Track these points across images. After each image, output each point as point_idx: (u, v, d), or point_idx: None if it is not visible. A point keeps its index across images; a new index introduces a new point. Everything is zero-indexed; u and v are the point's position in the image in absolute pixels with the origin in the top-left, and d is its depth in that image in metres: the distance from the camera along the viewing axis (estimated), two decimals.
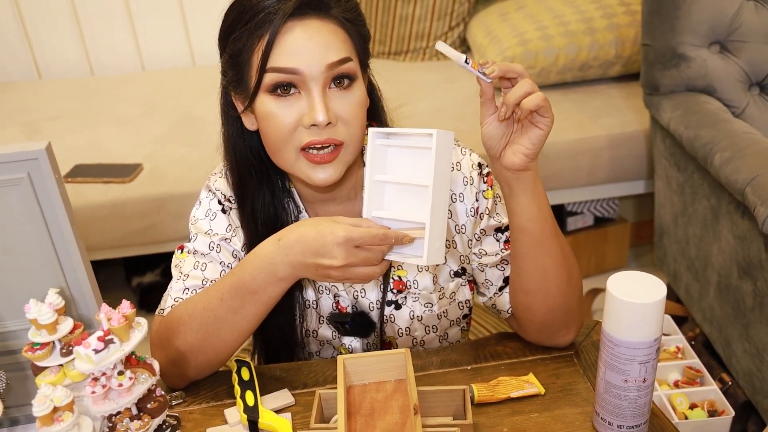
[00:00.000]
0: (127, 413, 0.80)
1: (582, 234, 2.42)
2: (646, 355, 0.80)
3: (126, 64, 2.95)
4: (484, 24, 2.57)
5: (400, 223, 0.88)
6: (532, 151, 0.86)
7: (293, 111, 0.91)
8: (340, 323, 1.06)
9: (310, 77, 0.89)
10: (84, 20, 2.85)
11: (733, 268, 1.59)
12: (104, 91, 2.70)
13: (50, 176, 0.81)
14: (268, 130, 0.94)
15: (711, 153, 1.60)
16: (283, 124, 0.92)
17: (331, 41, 0.90)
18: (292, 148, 0.93)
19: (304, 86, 0.90)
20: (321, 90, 0.90)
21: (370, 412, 0.85)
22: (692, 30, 1.77)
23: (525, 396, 0.94)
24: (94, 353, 0.75)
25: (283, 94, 0.91)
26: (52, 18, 2.83)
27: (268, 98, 0.92)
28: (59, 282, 0.87)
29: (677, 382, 1.72)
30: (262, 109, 0.93)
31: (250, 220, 1.02)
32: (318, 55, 0.89)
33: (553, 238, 0.94)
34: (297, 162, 0.94)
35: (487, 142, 0.89)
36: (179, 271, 1.02)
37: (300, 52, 0.89)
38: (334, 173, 0.94)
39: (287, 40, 0.89)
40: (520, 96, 0.82)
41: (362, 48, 0.96)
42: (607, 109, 2.28)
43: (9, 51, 2.87)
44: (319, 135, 0.91)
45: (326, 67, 0.89)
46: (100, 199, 2.00)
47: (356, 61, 0.94)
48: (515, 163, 0.87)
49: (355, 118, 0.93)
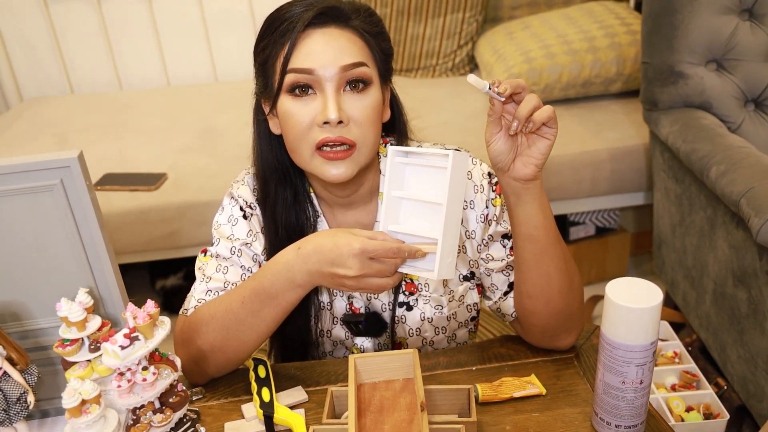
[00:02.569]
0: (151, 407, 0.81)
1: (584, 243, 2.42)
2: (643, 357, 0.80)
3: (152, 79, 2.98)
4: (491, 43, 2.57)
5: (414, 237, 0.89)
6: (541, 161, 0.87)
7: (309, 110, 0.93)
8: (354, 323, 1.06)
9: (325, 78, 0.91)
10: (113, 38, 2.88)
11: (728, 276, 1.58)
12: (131, 105, 2.72)
13: (81, 183, 0.83)
14: (287, 128, 0.95)
15: (707, 166, 1.59)
16: (299, 122, 0.93)
17: (347, 46, 0.92)
18: (307, 145, 0.94)
19: (320, 87, 0.92)
20: (335, 90, 0.92)
21: (380, 408, 0.85)
22: (689, 49, 1.76)
23: (527, 396, 0.94)
24: (120, 349, 0.76)
25: (301, 95, 0.93)
26: (83, 36, 2.87)
27: (287, 98, 0.94)
28: (89, 282, 0.88)
29: (674, 385, 1.70)
30: (282, 109, 0.95)
31: (270, 222, 1.03)
32: (333, 57, 0.91)
33: (557, 245, 0.94)
34: (312, 160, 0.95)
35: (497, 157, 0.89)
36: (202, 273, 1.03)
37: (316, 54, 0.91)
38: (347, 171, 0.95)
39: (306, 44, 0.92)
40: (531, 110, 0.83)
41: (382, 60, 0.97)
42: (608, 123, 2.28)
43: (43, 67, 2.91)
44: (331, 132, 0.92)
45: (340, 68, 0.91)
46: (127, 206, 2.02)
47: (373, 68, 0.95)
48: (526, 174, 0.88)
49: (367, 120, 0.94)
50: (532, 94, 0.84)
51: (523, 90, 0.84)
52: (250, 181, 1.07)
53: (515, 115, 0.84)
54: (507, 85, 0.83)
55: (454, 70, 2.75)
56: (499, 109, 0.86)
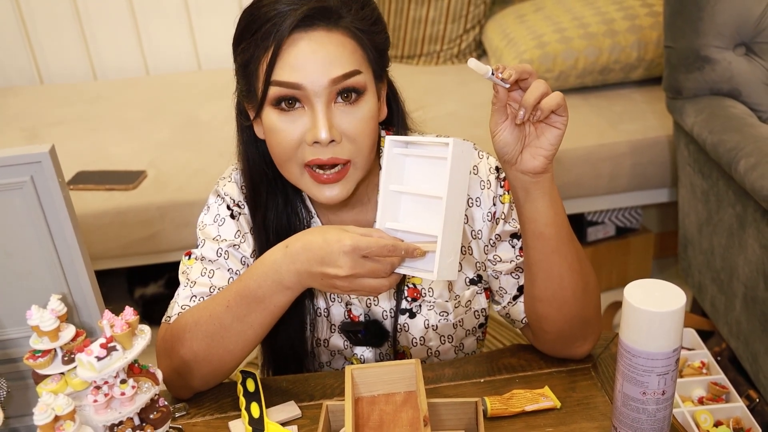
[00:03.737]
0: (130, 423, 0.81)
1: (603, 245, 2.42)
2: (665, 366, 0.80)
3: (130, 67, 2.98)
4: (500, 26, 2.58)
5: (413, 235, 0.88)
6: (551, 152, 0.88)
7: (297, 127, 0.93)
8: (352, 332, 1.07)
9: (313, 92, 0.91)
10: (87, 23, 2.89)
11: (759, 279, 1.59)
12: (107, 96, 2.73)
13: (54, 180, 0.83)
14: (273, 144, 0.95)
15: (736, 159, 1.60)
16: (286, 140, 0.93)
17: (336, 55, 0.91)
18: (295, 164, 0.95)
19: (308, 101, 0.92)
20: (325, 106, 0.91)
21: (379, 424, 0.86)
22: (716, 31, 1.77)
23: (540, 410, 0.95)
24: (96, 360, 0.76)
25: (287, 108, 0.93)
26: (53, 20, 2.87)
27: (273, 112, 0.93)
28: (61, 288, 0.89)
29: (702, 398, 1.70)
30: (268, 123, 0.95)
31: (261, 229, 1.04)
32: (321, 70, 0.90)
33: (570, 243, 0.95)
34: (302, 177, 0.96)
35: (502, 149, 0.89)
36: (186, 277, 1.04)
37: (303, 67, 0.90)
38: (341, 191, 0.95)
39: (291, 53, 0.90)
40: (538, 97, 0.83)
41: (376, 58, 0.97)
42: (628, 114, 2.28)
43: (10, 54, 2.91)
44: (322, 153, 0.92)
45: (330, 81, 0.90)
46: (103, 206, 2.03)
47: (367, 72, 0.95)
48: (535, 166, 0.88)
49: (361, 134, 0.94)
50: (539, 80, 0.84)
51: (530, 75, 0.84)
52: (237, 177, 1.07)
53: (522, 102, 0.84)
54: (512, 71, 0.83)
55: (459, 56, 2.76)
56: (504, 97, 0.87)
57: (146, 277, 2.44)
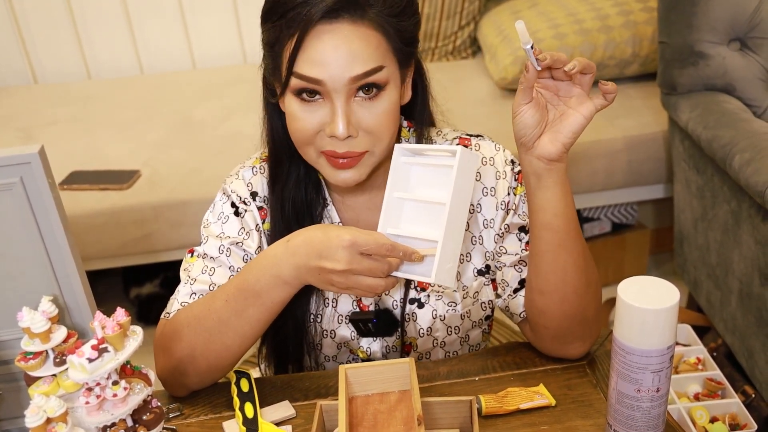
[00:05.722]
0: (122, 425, 0.81)
1: (599, 241, 2.42)
2: (659, 363, 0.80)
3: (124, 67, 2.97)
4: (495, 23, 2.58)
5: (414, 241, 0.90)
6: (570, 140, 0.89)
7: (316, 117, 0.94)
8: (362, 322, 1.07)
9: (333, 89, 0.91)
10: (81, 22, 2.88)
11: (754, 274, 1.59)
12: (101, 96, 2.72)
13: (43, 180, 0.83)
14: (292, 129, 0.97)
15: (730, 154, 1.60)
16: (304, 128, 0.95)
17: (359, 51, 0.91)
18: (313, 149, 0.97)
19: (328, 95, 0.93)
20: (344, 101, 0.92)
21: (373, 424, 0.86)
22: (710, 27, 1.77)
23: (535, 408, 0.95)
24: (88, 362, 0.76)
25: (308, 99, 0.94)
26: (47, 20, 2.86)
27: (294, 100, 0.95)
28: (53, 289, 0.88)
29: (697, 394, 1.71)
30: (289, 108, 0.96)
31: (279, 198, 1.05)
32: (343, 66, 0.90)
33: (577, 239, 0.95)
34: (318, 160, 0.98)
35: (521, 130, 0.90)
36: (187, 275, 1.04)
37: (325, 62, 0.90)
38: (355, 175, 0.97)
39: (314, 46, 0.90)
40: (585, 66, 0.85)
41: (402, 48, 0.96)
42: (623, 109, 2.28)
43: (3, 54, 2.90)
44: (338, 147, 0.94)
45: (350, 79, 0.91)
46: (97, 206, 2.02)
47: (391, 64, 0.95)
48: (551, 152, 0.89)
49: (380, 128, 0.95)
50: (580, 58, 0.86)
51: (563, 65, 0.85)
52: (245, 174, 1.08)
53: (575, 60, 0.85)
54: (547, 55, 0.84)
55: (455, 53, 2.76)
56: (533, 78, 0.87)
57: (142, 277, 2.43)
